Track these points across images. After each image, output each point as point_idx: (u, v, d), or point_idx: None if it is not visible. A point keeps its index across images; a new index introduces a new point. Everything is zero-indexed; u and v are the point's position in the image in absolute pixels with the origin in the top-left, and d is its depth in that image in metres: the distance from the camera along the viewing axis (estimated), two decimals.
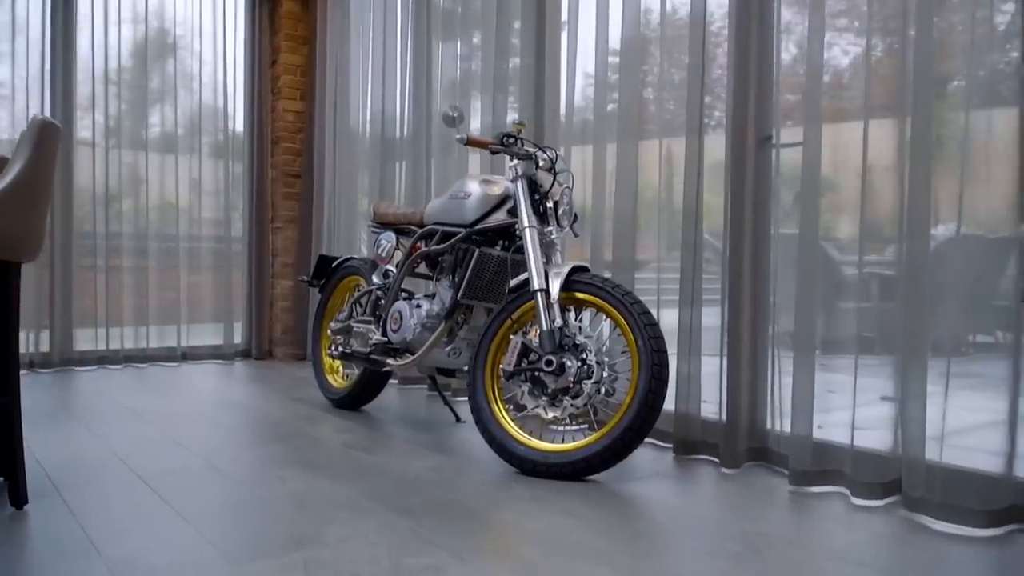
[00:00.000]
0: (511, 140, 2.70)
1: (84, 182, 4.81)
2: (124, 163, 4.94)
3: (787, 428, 2.43)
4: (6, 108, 4.43)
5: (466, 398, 3.60)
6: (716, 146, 2.72)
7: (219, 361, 5.17)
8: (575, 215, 2.77)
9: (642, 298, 2.51)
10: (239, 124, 5.34)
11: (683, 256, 2.74)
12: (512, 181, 2.71)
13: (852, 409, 2.25)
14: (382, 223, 3.37)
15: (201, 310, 5.27)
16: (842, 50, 2.51)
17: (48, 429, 3.01)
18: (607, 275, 3.01)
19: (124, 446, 2.76)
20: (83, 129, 4.78)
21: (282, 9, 5.24)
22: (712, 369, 2.69)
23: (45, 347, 4.70)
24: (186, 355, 5.13)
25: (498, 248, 2.84)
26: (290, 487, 2.29)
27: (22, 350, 4.62)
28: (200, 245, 5.27)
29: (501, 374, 2.56)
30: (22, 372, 4.50)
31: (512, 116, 3.66)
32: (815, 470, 2.31)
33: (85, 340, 4.82)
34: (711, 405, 2.70)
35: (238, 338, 5.36)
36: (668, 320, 2.76)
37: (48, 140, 2.14)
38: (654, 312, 2.65)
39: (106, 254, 4.85)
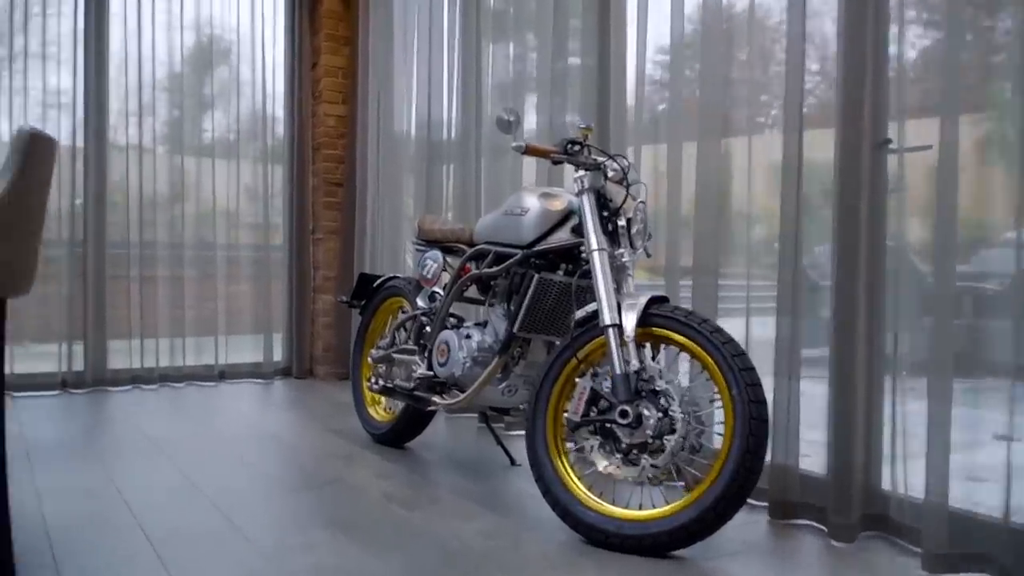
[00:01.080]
0: (576, 148, 2.31)
1: (118, 190, 4.57)
2: (159, 170, 4.69)
3: (915, 491, 2.00)
4: (67, 115, 4.35)
5: (521, 432, 3.24)
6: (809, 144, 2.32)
7: (258, 380, 4.89)
8: (649, 233, 2.38)
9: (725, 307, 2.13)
10: (280, 130, 5.05)
11: (780, 267, 2.34)
12: (577, 195, 2.32)
13: (1005, 466, 1.82)
14: (427, 240, 3.01)
15: (240, 322, 5.00)
16: (980, 30, 2.07)
17: (64, 468, 2.72)
18: (687, 282, 2.64)
19: (139, 493, 2.45)
20: (118, 137, 4.55)
21: (323, 8, 4.93)
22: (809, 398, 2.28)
23: (79, 365, 4.47)
24: (224, 374, 4.85)
25: (560, 273, 2.45)
26: (317, 559, 1.94)
27: (55, 368, 4.42)
28: (239, 254, 5.01)
29: (565, 423, 2.17)
30: (55, 392, 4.29)
31: (571, 117, 3.29)
32: (957, 553, 1.88)
33: (119, 354, 4.57)
34: (809, 444, 2.29)
35: (278, 355, 5.07)
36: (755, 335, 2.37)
37: (37, 156, 1.82)
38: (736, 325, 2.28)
39: (140, 264, 4.61)
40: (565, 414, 2.17)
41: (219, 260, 4.88)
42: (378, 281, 3.34)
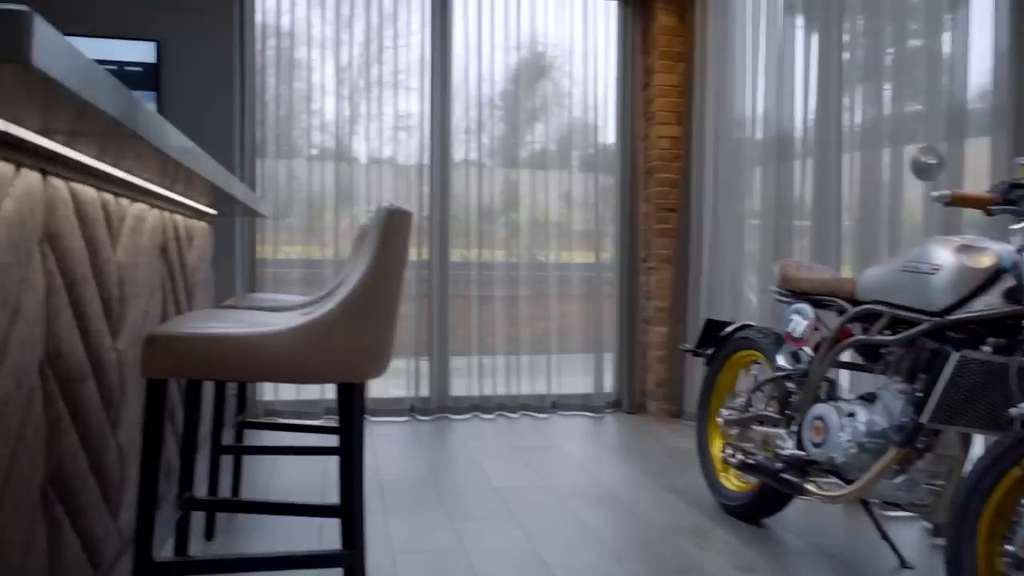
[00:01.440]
0: (1021, 192, 1.77)
1: (458, 205, 4.74)
2: (496, 184, 4.81)
3: None
4: (415, 137, 4.65)
5: (904, 514, 2.70)
6: None
7: (589, 414, 4.77)
8: None
9: None
10: (607, 140, 4.92)
11: None
12: (1018, 252, 1.78)
13: None
14: (793, 291, 2.60)
15: (571, 341, 4.93)
16: None
17: (414, 520, 2.73)
18: None
19: (487, 563, 2.36)
20: (457, 153, 4.72)
21: (656, 25, 4.66)
22: None
23: (424, 391, 4.68)
24: (556, 404, 4.81)
25: (987, 348, 1.91)
26: None
27: (403, 393, 4.66)
28: (570, 274, 4.94)
29: (1008, 559, 1.65)
30: (404, 419, 4.52)
31: (970, 94, 2.71)
32: None
33: (460, 376, 4.73)
34: None
35: (608, 386, 4.92)
36: None
37: (397, 233, 1.75)
38: None
39: (478, 284, 4.73)
40: (1009, 547, 1.65)
41: (551, 280, 4.87)
42: (728, 329, 2.97)
